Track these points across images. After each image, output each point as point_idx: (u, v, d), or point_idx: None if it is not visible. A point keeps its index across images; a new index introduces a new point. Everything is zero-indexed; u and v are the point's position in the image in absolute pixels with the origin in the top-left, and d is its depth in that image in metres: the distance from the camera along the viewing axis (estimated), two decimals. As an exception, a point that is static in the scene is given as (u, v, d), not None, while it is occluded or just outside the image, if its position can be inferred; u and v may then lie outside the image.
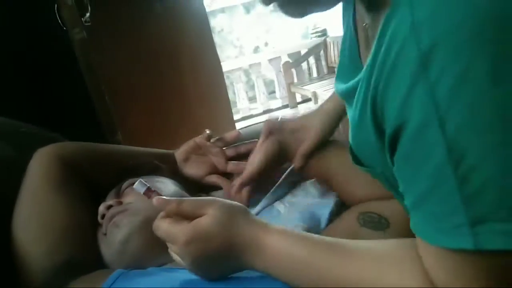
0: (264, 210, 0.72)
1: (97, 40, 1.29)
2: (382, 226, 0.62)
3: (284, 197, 0.74)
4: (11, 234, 0.59)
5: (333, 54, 4.18)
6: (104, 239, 0.60)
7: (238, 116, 4.24)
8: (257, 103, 4.56)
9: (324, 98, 0.80)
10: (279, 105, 4.58)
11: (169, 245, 0.49)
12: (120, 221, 0.59)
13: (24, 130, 0.81)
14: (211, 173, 0.78)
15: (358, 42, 0.50)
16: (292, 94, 4.44)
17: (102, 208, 0.62)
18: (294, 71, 4.40)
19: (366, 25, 0.43)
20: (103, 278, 0.52)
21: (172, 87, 1.71)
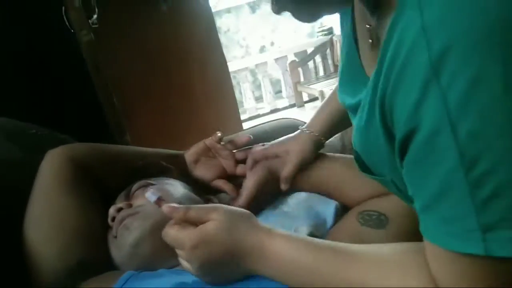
0: (268, 209, 0.73)
1: (104, 41, 1.30)
2: (382, 223, 0.62)
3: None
4: (23, 234, 0.60)
5: (339, 53, 4.15)
6: (114, 242, 0.61)
7: (245, 116, 4.23)
8: (263, 103, 4.55)
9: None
10: (286, 104, 4.56)
11: (178, 251, 0.50)
12: (130, 224, 0.59)
13: (33, 131, 0.82)
14: (220, 175, 0.78)
15: (357, 45, 0.49)
16: (298, 93, 4.43)
17: (112, 210, 0.63)
18: (300, 70, 4.38)
19: (370, 27, 0.43)
20: (114, 279, 0.53)
21: (179, 88, 1.72)
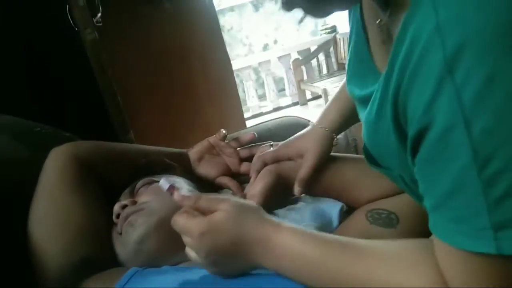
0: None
1: (108, 40, 1.30)
2: (392, 222, 0.62)
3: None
4: (27, 232, 0.60)
5: (342, 51, 4.15)
6: (119, 238, 0.61)
7: (248, 114, 4.24)
8: (267, 101, 4.55)
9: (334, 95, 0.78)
10: (289, 102, 4.56)
11: (184, 239, 0.50)
12: (135, 220, 0.60)
13: (38, 130, 0.82)
14: (224, 173, 0.78)
15: (368, 40, 0.49)
16: (302, 92, 4.42)
17: (117, 207, 0.63)
18: (303, 68, 4.37)
19: (381, 21, 0.43)
20: (118, 276, 0.53)
21: (182, 86, 1.72)
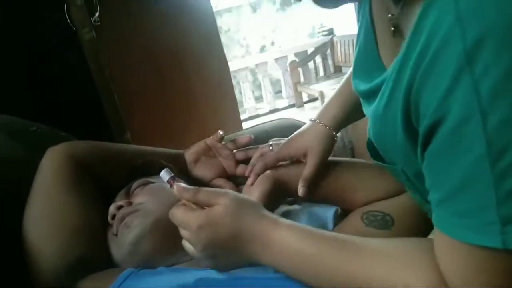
0: None
1: (105, 39, 1.30)
2: (387, 223, 0.62)
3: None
4: (22, 232, 0.60)
5: (339, 53, 4.16)
6: (114, 239, 0.61)
7: (244, 115, 4.24)
8: (263, 103, 4.55)
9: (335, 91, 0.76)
10: (286, 104, 4.57)
11: (182, 232, 0.50)
12: (131, 222, 0.59)
13: (34, 129, 0.82)
14: (220, 175, 0.78)
15: (375, 35, 0.49)
16: (298, 94, 4.43)
17: (112, 208, 0.63)
18: (300, 71, 4.38)
19: (392, 16, 0.42)
20: (114, 276, 0.53)
21: (179, 87, 1.72)
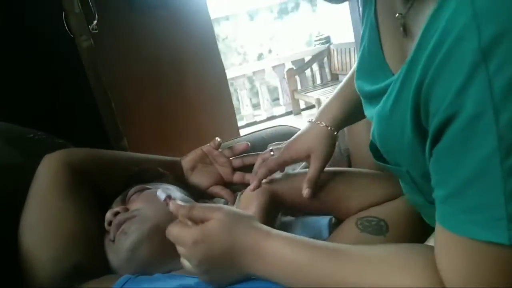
0: None
1: (103, 47, 1.30)
2: (381, 229, 0.62)
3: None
4: (18, 239, 0.60)
5: (336, 61, 4.19)
6: (111, 246, 0.61)
7: (242, 122, 4.24)
8: (261, 110, 4.56)
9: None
10: (283, 111, 4.58)
11: (179, 249, 0.50)
12: (128, 228, 0.59)
13: (31, 136, 0.82)
14: (217, 182, 0.78)
15: (379, 36, 0.50)
16: (295, 101, 4.45)
17: (109, 214, 0.63)
18: (297, 78, 4.41)
19: (400, 15, 0.43)
20: (110, 283, 0.53)
21: (177, 94, 1.73)
